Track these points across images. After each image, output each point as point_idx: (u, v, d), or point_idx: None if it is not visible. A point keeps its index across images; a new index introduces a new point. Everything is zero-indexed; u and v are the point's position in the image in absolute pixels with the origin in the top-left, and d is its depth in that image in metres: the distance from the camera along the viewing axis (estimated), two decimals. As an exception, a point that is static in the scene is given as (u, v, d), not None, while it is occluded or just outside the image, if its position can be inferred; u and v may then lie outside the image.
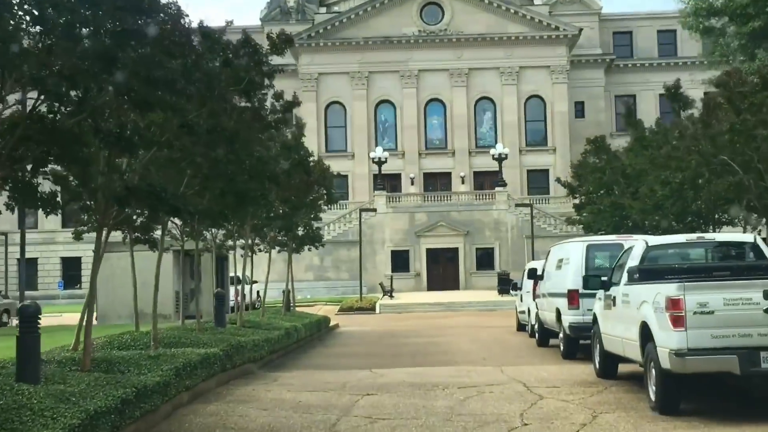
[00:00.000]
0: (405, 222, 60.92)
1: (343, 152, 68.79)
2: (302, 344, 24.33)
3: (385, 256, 60.71)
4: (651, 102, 74.84)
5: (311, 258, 57.60)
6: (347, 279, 57.34)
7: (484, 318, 38.79)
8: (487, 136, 69.06)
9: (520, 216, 60.43)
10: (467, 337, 26.69)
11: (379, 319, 41.51)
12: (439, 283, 60.18)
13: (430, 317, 40.76)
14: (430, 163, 68.62)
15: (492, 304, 48.27)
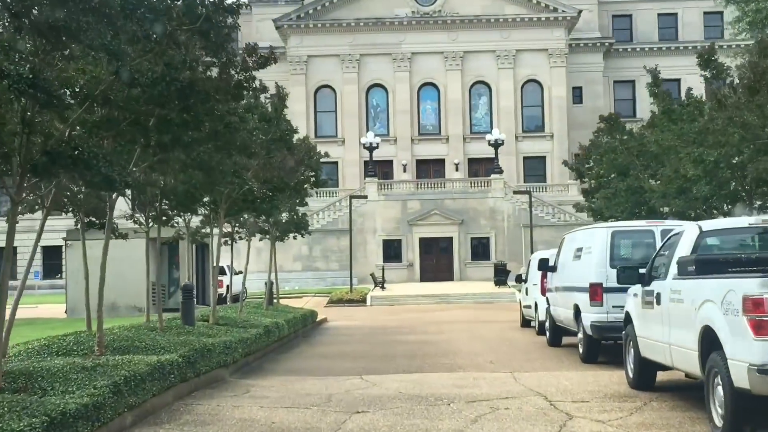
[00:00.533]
0: (397, 210, 58.47)
1: (333, 138, 66.25)
2: (285, 342, 21.85)
3: (376, 246, 58.27)
4: (651, 87, 72.34)
5: (299, 247, 55.13)
6: (337, 269, 54.89)
7: (482, 311, 36.39)
8: (483, 122, 66.60)
9: (517, 204, 58.02)
10: (468, 333, 24.27)
11: (370, 312, 39.07)
12: (432, 274, 57.77)
13: (425, 310, 38.35)
14: (423, 150, 66.12)
15: (489, 296, 45.92)
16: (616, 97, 73.09)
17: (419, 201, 58.44)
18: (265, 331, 18.83)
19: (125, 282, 32.16)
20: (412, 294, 46.97)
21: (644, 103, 71.43)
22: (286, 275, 53.92)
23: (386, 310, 39.41)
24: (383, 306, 43.67)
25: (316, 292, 50.83)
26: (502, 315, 32.65)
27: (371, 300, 45.75)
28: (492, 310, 37.46)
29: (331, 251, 55.45)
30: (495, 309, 37.89)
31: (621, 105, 72.59)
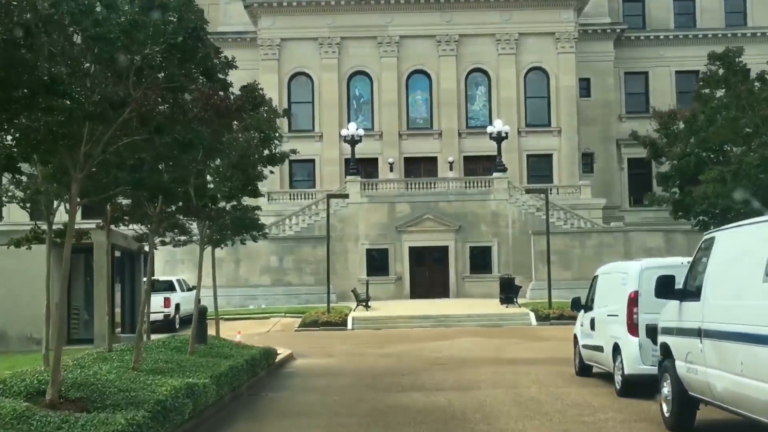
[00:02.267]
0: (383, 214, 50.11)
1: (310, 132, 57.83)
2: (205, 419, 13.22)
3: (359, 256, 49.87)
4: (666, 80, 64.59)
5: (267, 257, 46.64)
6: (312, 284, 46.42)
7: (497, 340, 28.04)
8: (480, 115, 58.35)
9: (524, 208, 49.82)
10: (505, 391, 15.89)
11: (352, 339, 30.62)
12: (424, 290, 49.42)
13: (422, 338, 29.96)
14: (413, 146, 57.77)
15: (496, 318, 37.64)
16: (627, 90, 65.12)
17: (409, 204, 50.12)
18: (152, 415, 10.13)
19: (19, 303, 23.72)
20: (403, 315, 38.62)
21: (659, 97, 63.49)
22: (251, 291, 45.51)
23: (372, 338, 31.04)
24: (368, 330, 35.31)
25: (286, 311, 42.38)
26: (530, 348, 24.41)
27: (353, 322, 37.38)
28: (509, 337, 29.15)
29: (305, 262, 46.99)
30: (511, 336, 29.59)
31: (632, 99, 64.71)
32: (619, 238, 46.23)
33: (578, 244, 45.93)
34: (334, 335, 33.16)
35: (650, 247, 45.88)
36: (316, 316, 37.66)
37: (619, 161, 62.94)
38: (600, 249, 46.00)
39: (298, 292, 46.41)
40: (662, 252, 45.90)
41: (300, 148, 59.63)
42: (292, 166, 57.96)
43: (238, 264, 46.62)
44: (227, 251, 46.70)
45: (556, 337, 29.35)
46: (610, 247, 46.00)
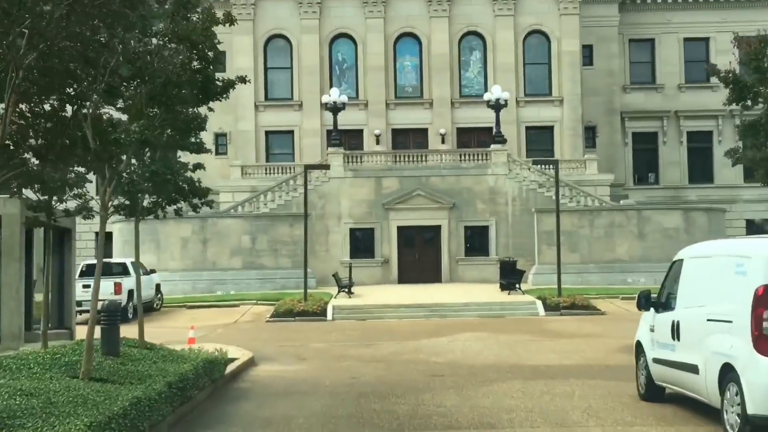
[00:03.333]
0: (369, 190, 45.10)
1: (288, 101, 52.63)
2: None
3: (341, 237, 44.87)
4: (673, 48, 59.48)
5: (239, 237, 41.54)
6: (289, 267, 41.40)
7: (506, 337, 23.12)
8: (475, 83, 53.26)
9: (524, 184, 44.88)
10: (549, 427, 10.93)
11: (331, 335, 25.60)
12: (414, 274, 44.48)
13: (415, 333, 25.00)
14: (401, 117, 52.62)
15: (498, 308, 32.75)
16: (632, 59, 60.03)
17: (398, 178, 45.12)
18: None
19: None
20: (391, 303, 33.68)
21: (665, 66, 58.67)
22: (220, 275, 40.46)
23: (356, 332, 26.06)
24: (350, 322, 30.38)
25: (259, 298, 37.41)
26: (551, 348, 19.55)
27: (333, 312, 32.44)
28: (518, 332, 24.25)
29: (281, 243, 41.91)
30: (521, 330, 24.69)
31: (637, 69, 59.65)
32: (633, 217, 41.41)
33: (587, 223, 41.10)
34: (311, 328, 28.22)
35: (667, 227, 41.13)
36: (292, 304, 32.70)
37: (624, 135, 58.07)
38: (611, 229, 41.20)
39: (273, 277, 41.39)
40: (681, 233, 41.15)
41: (277, 119, 54.73)
42: (269, 138, 52.90)
43: (205, 244, 41.51)
44: (193, 230, 41.68)
45: (575, 332, 24.49)
46: (621, 228, 41.21)
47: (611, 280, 40.15)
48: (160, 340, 24.67)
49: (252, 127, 52.25)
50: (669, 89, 58.14)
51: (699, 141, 58.31)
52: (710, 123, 57.68)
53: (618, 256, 40.86)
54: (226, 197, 47.79)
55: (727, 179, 57.22)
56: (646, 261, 40.62)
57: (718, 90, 59.08)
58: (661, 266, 41.66)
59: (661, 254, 40.77)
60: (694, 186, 57.12)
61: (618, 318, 29.65)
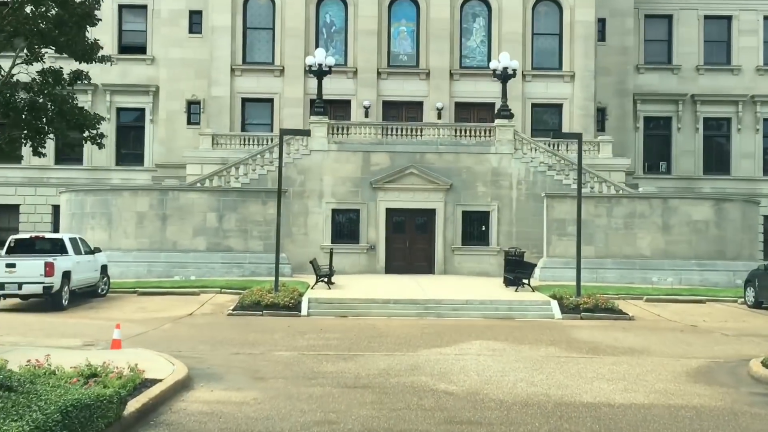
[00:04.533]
0: (355, 166, 39.71)
1: (268, 66, 47.07)
2: None
3: (322, 218, 39.49)
4: (692, 26, 54.17)
5: (203, 215, 36.07)
6: (260, 251, 35.99)
7: (529, 350, 17.83)
8: (477, 53, 47.83)
9: (532, 165, 39.59)
10: None
11: (302, 339, 20.20)
12: (404, 264, 39.24)
13: (410, 340, 19.66)
14: (394, 87, 47.14)
15: (506, 307, 27.47)
16: (647, 37, 54.70)
17: (388, 154, 39.73)
18: None
19: None
20: (377, 297, 28.34)
21: (683, 45, 53.39)
22: (180, 257, 35.05)
23: (335, 335, 20.69)
24: (329, 319, 25.06)
25: (223, 285, 31.99)
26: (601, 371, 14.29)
27: (309, 306, 27.11)
28: (541, 342, 18.93)
29: (252, 222, 36.45)
30: (543, 340, 19.37)
31: (652, 48, 54.35)
32: (657, 206, 36.19)
33: (604, 212, 35.88)
34: (280, 326, 22.88)
35: (696, 219, 35.95)
36: (260, 295, 27.32)
37: (635, 120, 52.87)
38: (631, 220, 35.99)
39: (241, 261, 35.95)
40: (711, 227, 36.02)
41: (256, 85, 48.95)
42: (246, 106, 47.32)
43: (164, 221, 36.00)
44: (151, 204, 36.18)
45: (613, 345, 19.26)
46: (644, 218, 36.00)
47: (630, 277, 35.02)
48: (82, 338, 19.30)
49: (227, 93, 46.69)
50: (686, 71, 53.00)
51: (716, 128, 53.34)
52: (729, 109, 52.64)
53: (639, 251, 35.70)
54: (193, 170, 42.30)
55: (746, 171, 52.30)
56: (670, 257, 35.51)
57: (739, 73, 54.28)
58: (687, 264, 36.81)
59: (687, 250, 35.68)
60: (709, 177, 52.11)
61: (652, 325, 24.50)
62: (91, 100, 49.87)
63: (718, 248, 35.79)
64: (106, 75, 50.34)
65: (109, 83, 49.73)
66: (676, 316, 27.23)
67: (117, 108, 50.52)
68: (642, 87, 52.52)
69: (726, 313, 27.96)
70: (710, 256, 35.64)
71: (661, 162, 53.27)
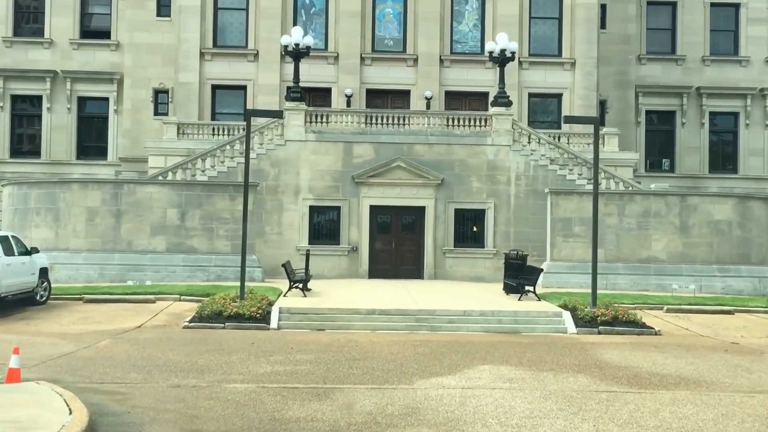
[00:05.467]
0: (336, 158, 35.67)
1: (241, 49, 42.93)
2: None
3: (298, 216, 35.42)
4: (698, 14, 50.45)
5: (163, 211, 31.92)
6: (228, 252, 31.85)
7: (555, 381, 13.79)
8: (469, 38, 43.89)
9: (532, 158, 35.67)
10: None
11: (268, 363, 16.06)
12: (390, 267, 35.27)
13: (404, 363, 15.58)
14: (378, 75, 43.10)
15: (509, 319, 23.48)
16: (649, 25, 50.94)
17: (372, 145, 35.70)
18: None
19: None
20: (360, 307, 24.28)
21: (688, 34, 49.69)
22: (136, 258, 30.93)
23: (308, 357, 16.59)
24: (302, 333, 21.02)
25: (183, 291, 27.81)
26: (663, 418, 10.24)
27: (279, 317, 23.09)
28: (572, 371, 14.92)
29: (219, 220, 32.30)
30: (573, 368, 15.38)
31: (655, 37, 50.58)
32: (674, 204, 32.29)
33: (615, 211, 31.98)
34: (242, 343, 18.82)
35: (718, 219, 32.09)
36: (223, 303, 23.25)
37: (637, 113, 49.12)
38: (645, 219, 32.11)
39: (206, 264, 31.80)
40: (734, 228, 32.21)
41: (227, 70, 44.59)
42: (216, 94, 43.18)
43: (118, 218, 31.79)
44: (103, 198, 31.98)
45: (656, 371, 15.35)
46: (659, 218, 32.11)
47: (644, 284, 31.17)
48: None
49: (195, 79, 42.53)
50: (691, 62, 49.32)
51: (723, 123, 49.71)
52: (737, 103, 49.02)
53: (654, 254, 31.82)
54: (156, 162, 38.14)
55: (755, 169, 48.73)
56: (689, 262, 31.66)
57: (747, 65, 50.65)
58: (708, 269, 32.95)
59: (707, 254, 31.85)
60: (715, 176, 48.47)
61: (686, 343, 20.63)
62: (50, 89, 45.79)
63: (741, 251, 31.97)
64: (67, 62, 46.32)
65: (70, 70, 45.60)
66: (707, 330, 23.40)
67: (78, 97, 46.29)
68: (644, 78, 48.86)
69: (763, 327, 24.16)
70: (733, 260, 31.81)
71: (663, 159, 49.62)
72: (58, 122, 45.81)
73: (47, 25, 46.55)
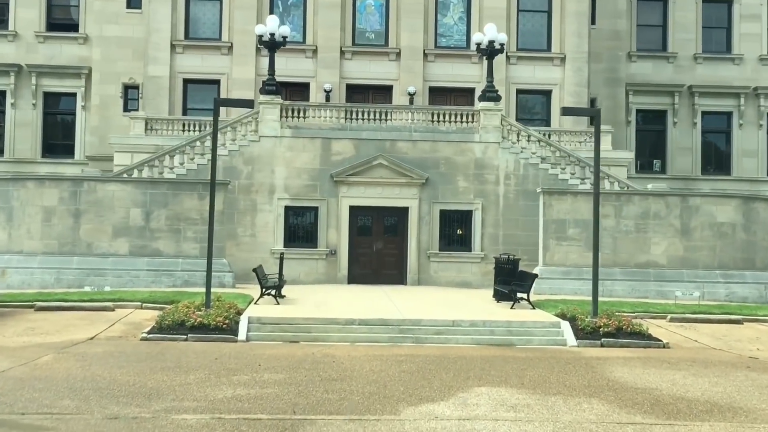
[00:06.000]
0: (313, 155, 33.45)
1: (215, 42, 40.65)
2: None
3: (273, 217, 33.16)
4: (690, 10, 48.61)
5: (126, 211, 29.57)
6: (196, 256, 29.54)
7: (563, 405, 11.53)
8: (454, 31, 41.82)
9: (522, 156, 33.60)
10: None
11: (230, 385, 13.71)
12: (371, 272, 33.09)
13: (387, 384, 13.29)
14: (359, 69, 40.92)
15: (503, 330, 21.35)
16: (639, 21, 49.06)
17: (352, 141, 33.51)
18: None
19: None
20: (338, 317, 22.07)
21: (679, 31, 47.84)
22: (97, 262, 28.59)
23: (278, 377, 14.32)
24: (274, 347, 18.81)
25: (146, 298, 25.44)
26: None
27: (249, 327, 20.87)
28: (583, 395, 12.71)
29: (187, 221, 29.98)
30: (584, 390, 13.15)
31: (645, 34, 48.70)
32: (674, 206, 30.27)
33: (612, 212, 29.92)
34: (203, 359, 16.58)
35: (721, 221, 30.10)
36: (186, 312, 20.99)
37: (627, 112, 47.23)
38: (644, 222, 30.06)
39: (173, 267, 29.45)
40: (738, 230, 30.27)
41: (200, 64, 42.14)
42: (188, 89, 40.89)
43: (78, 219, 29.40)
44: (61, 197, 29.51)
45: (682, 395, 13.34)
46: (659, 220, 30.09)
47: (643, 290, 29.14)
48: None
49: (166, 72, 40.21)
50: (682, 59, 47.50)
51: (716, 123, 47.92)
52: (730, 102, 47.24)
53: (653, 259, 29.79)
54: (122, 159, 35.81)
55: (748, 171, 46.95)
56: (690, 267, 29.65)
57: (741, 63, 48.88)
58: (711, 275, 30.85)
59: (710, 258, 29.89)
60: (708, 177, 46.64)
61: (700, 357, 18.59)
62: (14, 83, 43.39)
63: (746, 256, 30.02)
64: (32, 55, 43.93)
65: (35, 64, 43.26)
66: (718, 342, 21.39)
67: (44, 92, 43.91)
68: (635, 76, 47.00)
69: (778, 338, 22.18)
70: (737, 265, 29.84)
71: (654, 160, 47.77)
72: (22, 119, 43.44)
73: (11, 17, 44.16)
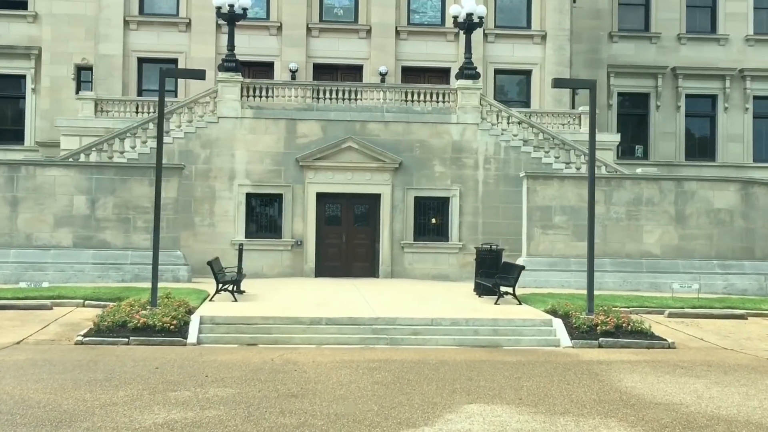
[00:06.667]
0: (277, 138, 30.82)
1: (172, 18, 37.85)
2: None
3: (233, 205, 30.51)
4: (673, -10, 46.47)
5: (69, 198, 26.80)
6: (148, 248, 26.79)
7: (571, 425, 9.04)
8: (429, 8, 39.30)
9: (503, 138, 31.19)
10: None
11: (168, 404, 11.01)
12: (340, 264, 30.56)
13: (358, 399, 10.56)
14: (327, 48, 38.29)
15: (488, 329, 18.87)
16: (622, 1, 46.90)
17: (319, 123, 30.92)
18: None
19: None
20: (302, 315, 19.55)
21: (662, 10, 45.68)
22: (36, 255, 25.77)
23: (228, 393, 11.67)
24: (227, 351, 16.22)
25: (89, 294, 22.73)
26: None
27: (200, 330, 18.31)
28: (594, 415, 10.16)
29: (138, 209, 27.23)
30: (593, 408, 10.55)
31: (627, 13, 46.47)
32: (669, 191, 27.99)
33: (601, 198, 27.61)
34: (141, 369, 14.03)
35: (718, 207, 27.90)
36: (128, 311, 18.38)
37: (608, 95, 45.03)
38: (636, 208, 27.79)
39: (121, 261, 26.73)
40: (736, 217, 28.07)
41: (156, 42, 39.79)
42: (143, 68, 38.08)
43: (15, 206, 26.60)
44: (7, 177, 26.84)
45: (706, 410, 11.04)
46: (652, 206, 27.82)
47: (635, 282, 26.89)
48: None
49: (119, 51, 37.38)
50: (666, 40, 45.35)
51: (700, 107, 45.84)
52: (715, 85, 45.17)
53: (646, 248, 27.53)
54: (69, 143, 33.00)
55: (734, 157, 44.93)
56: (686, 257, 27.43)
57: (726, 43, 46.83)
58: (708, 265, 28.49)
59: (707, 248, 27.68)
60: (692, 163, 44.54)
61: (713, 359, 16.33)
62: (-43, 64, 40.31)
63: (745, 245, 27.85)
64: (-23, 34, 40.99)
65: (-20, 44, 40.24)
66: (726, 340, 19.19)
67: (-9, 75, 40.90)
68: (616, 58, 44.79)
69: (791, 335, 20.03)
70: (735, 254, 27.67)
71: (637, 146, 45.61)
72: (-35, 102, 40.49)
73: (-47, -7, 41.12)
